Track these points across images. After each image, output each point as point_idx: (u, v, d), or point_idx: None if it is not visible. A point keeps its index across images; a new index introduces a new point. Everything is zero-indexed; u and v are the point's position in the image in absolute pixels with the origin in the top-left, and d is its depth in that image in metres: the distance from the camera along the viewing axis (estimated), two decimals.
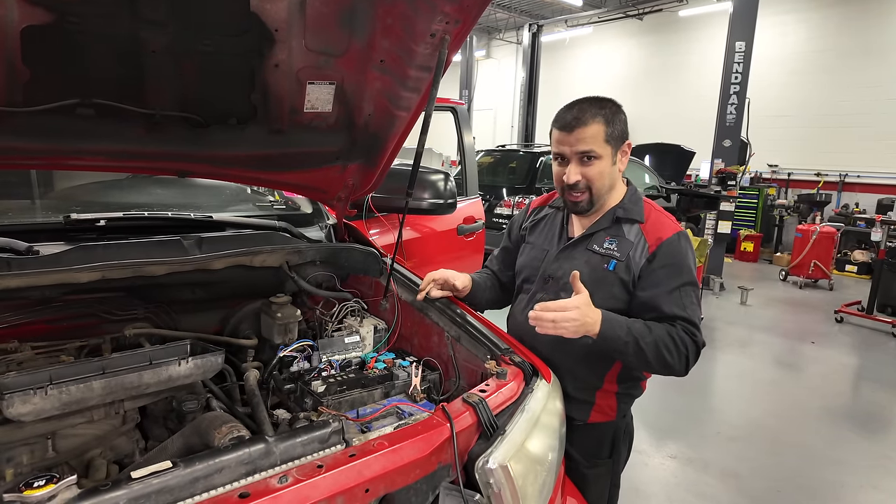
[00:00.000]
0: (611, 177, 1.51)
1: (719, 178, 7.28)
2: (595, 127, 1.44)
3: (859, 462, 3.34)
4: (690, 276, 1.48)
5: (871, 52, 10.00)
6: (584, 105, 1.47)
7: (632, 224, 1.53)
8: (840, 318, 6.31)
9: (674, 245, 1.49)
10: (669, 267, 1.47)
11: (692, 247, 1.54)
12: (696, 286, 1.49)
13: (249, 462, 0.92)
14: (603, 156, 1.47)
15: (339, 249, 1.85)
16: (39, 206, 1.95)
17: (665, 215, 1.57)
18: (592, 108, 1.46)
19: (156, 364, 1.24)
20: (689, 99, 12.42)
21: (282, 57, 1.43)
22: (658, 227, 1.52)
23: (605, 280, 1.50)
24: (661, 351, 1.39)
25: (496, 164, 8.20)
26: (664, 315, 1.44)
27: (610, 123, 1.46)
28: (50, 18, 1.14)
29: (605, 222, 1.55)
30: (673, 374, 1.45)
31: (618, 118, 1.48)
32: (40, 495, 0.77)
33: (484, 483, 1.08)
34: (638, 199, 1.58)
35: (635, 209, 1.55)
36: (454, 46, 1.41)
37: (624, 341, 1.38)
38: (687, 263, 1.49)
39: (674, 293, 1.45)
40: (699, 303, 1.50)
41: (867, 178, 10.17)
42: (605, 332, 1.38)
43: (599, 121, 1.45)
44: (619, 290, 1.49)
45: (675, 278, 1.46)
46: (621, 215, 1.54)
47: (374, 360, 1.51)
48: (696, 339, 1.43)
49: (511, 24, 16.10)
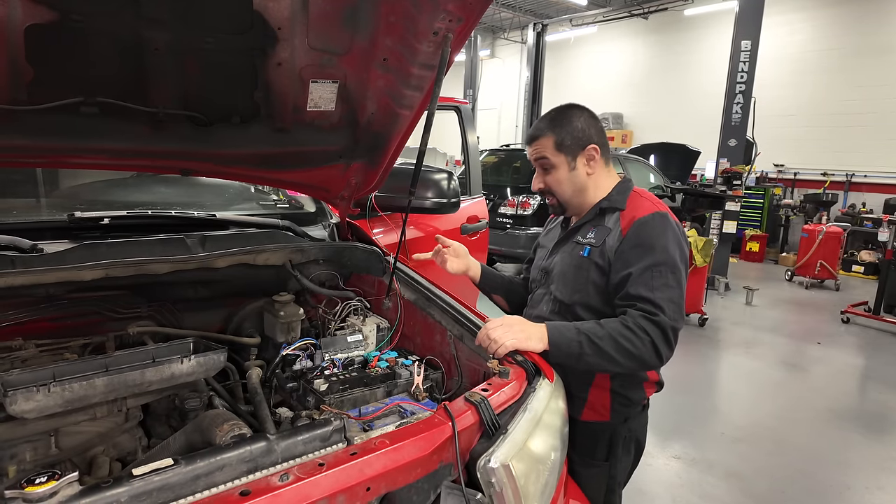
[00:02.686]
0: (573, 182, 1.58)
1: (725, 178, 7.24)
2: (544, 140, 1.56)
3: (865, 464, 3.32)
4: (664, 255, 1.42)
5: (878, 50, 9.93)
6: (541, 119, 1.61)
7: (613, 213, 1.55)
8: (846, 318, 6.27)
9: (647, 224, 1.46)
10: (640, 247, 1.44)
11: (672, 226, 1.48)
12: (672, 266, 1.42)
13: (251, 460, 0.92)
14: (557, 164, 1.56)
15: (342, 248, 1.85)
16: (44, 205, 1.96)
17: (647, 199, 1.56)
18: (543, 121, 1.59)
19: (159, 362, 1.24)
20: (694, 98, 12.38)
21: (285, 55, 1.43)
22: (634, 209, 1.52)
23: (580, 267, 1.54)
24: (620, 342, 1.36)
25: (500, 164, 8.19)
26: (629, 296, 1.42)
27: (559, 133, 1.54)
28: (53, 17, 1.14)
29: (590, 215, 1.60)
30: (646, 365, 1.41)
31: (570, 126, 1.55)
32: (42, 492, 0.76)
33: (486, 482, 1.07)
34: (625, 190, 1.59)
35: (619, 199, 1.57)
36: (457, 44, 1.40)
37: (576, 341, 1.38)
38: (661, 243, 1.43)
39: (644, 273, 1.41)
40: (679, 284, 1.42)
41: (874, 177, 10.10)
42: (554, 338, 1.40)
43: (548, 133, 1.56)
44: (595, 275, 1.51)
45: (646, 258, 1.42)
46: (605, 206, 1.57)
47: (377, 359, 1.50)
48: (657, 319, 1.36)
49: (515, 24, 16.09)
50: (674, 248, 1.44)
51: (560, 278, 1.60)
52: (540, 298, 1.66)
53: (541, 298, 1.66)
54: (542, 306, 1.64)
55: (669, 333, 1.38)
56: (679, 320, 1.40)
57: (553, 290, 1.61)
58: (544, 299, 1.64)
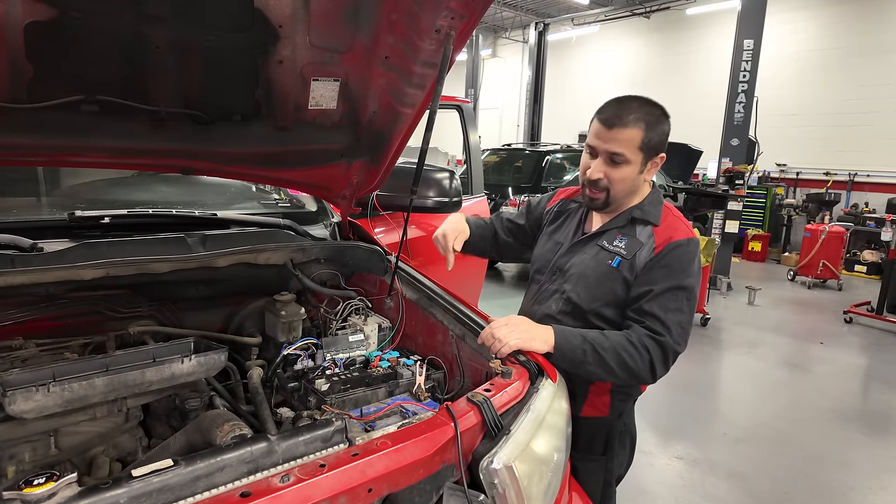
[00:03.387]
0: (633, 184, 1.51)
1: (727, 178, 7.23)
2: (633, 131, 1.42)
3: (868, 464, 3.31)
4: (687, 281, 1.44)
5: (881, 50, 9.91)
6: (632, 104, 1.44)
7: (645, 226, 1.52)
8: (849, 318, 6.25)
9: (681, 248, 1.46)
10: (668, 268, 1.45)
11: (699, 254, 1.51)
12: (689, 293, 1.44)
13: (251, 461, 0.91)
14: (632, 161, 1.45)
15: (343, 247, 1.84)
16: (45, 203, 1.95)
17: (682, 220, 1.55)
18: (639, 111, 1.43)
19: (159, 361, 1.24)
20: (696, 97, 12.35)
21: (286, 53, 1.42)
22: (671, 229, 1.50)
23: (608, 276, 1.50)
24: (621, 355, 1.38)
25: (502, 164, 8.19)
26: (641, 311, 1.43)
27: (650, 130, 1.43)
28: (53, 14, 1.13)
29: (620, 221, 1.55)
30: (639, 380, 1.44)
31: (660, 127, 1.46)
32: (40, 493, 0.76)
33: (488, 483, 1.06)
34: (658, 203, 1.56)
35: (653, 212, 1.54)
36: (459, 42, 1.39)
37: (581, 349, 1.38)
38: (688, 269, 1.45)
39: (663, 295, 1.42)
40: (691, 311, 1.45)
41: (877, 177, 10.08)
42: (560, 342, 1.39)
43: (640, 126, 1.42)
44: (620, 288, 1.49)
45: (670, 280, 1.43)
46: (637, 216, 1.53)
47: (378, 359, 1.50)
48: (662, 340, 1.39)
49: (517, 23, 16.08)
50: (697, 277, 1.48)
51: (580, 281, 1.54)
52: (549, 295, 1.62)
53: (549, 295, 1.61)
54: (550, 304, 1.60)
55: (670, 356, 1.41)
56: (682, 344, 1.43)
57: (568, 290, 1.56)
58: (554, 297, 1.60)
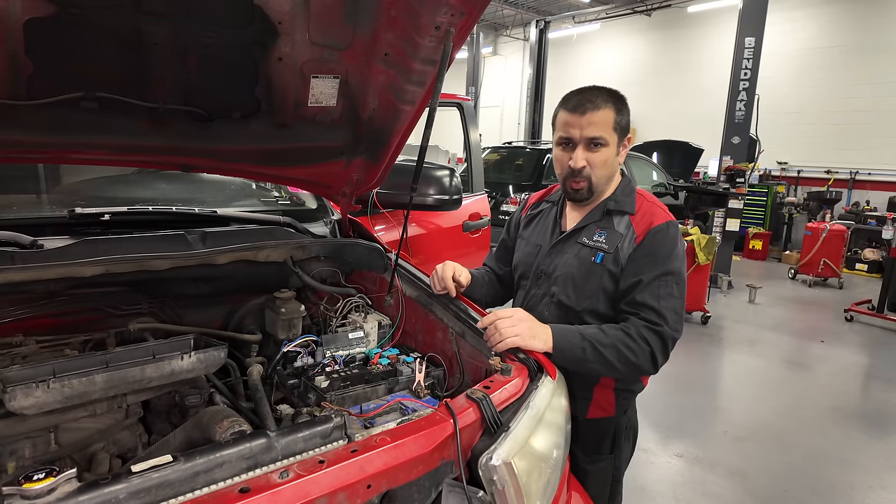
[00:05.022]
0: (612, 167, 1.53)
1: (728, 176, 7.22)
2: (606, 112, 1.46)
3: (869, 462, 3.31)
4: (674, 265, 1.45)
5: (882, 48, 9.89)
6: (595, 91, 1.49)
7: (622, 216, 1.53)
8: (850, 316, 6.25)
9: (661, 233, 1.47)
10: (653, 255, 1.45)
11: (681, 237, 1.52)
12: (678, 276, 1.45)
13: (250, 457, 0.91)
14: (609, 143, 1.48)
15: (343, 245, 1.84)
16: (45, 201, 1.95)
17: (657, 205, 1.55)
18: (603, 94, 1.48)
19: (159, 358, 1.24)
20: (697, 95, 12.34)
21: (285, 50, 1.42)
22: (648, 216, 1.51)
23: (593, 273, 1.50)
24: (621, 350, 1.38)
25: (502, 161, 8.18)
26: (634, 302, 1.43)
27: (619, 112, 1.48)
28: (52, 10, 1.13)
29: (596, 215, 1.56)
30: (641, 372, 1.44)
31: (625, 108, 1.50)
32: (39, 488, 0.76)
33: (487, 480, 1.06)
34: (630, 191, 1.57)
35: (626, 201, 1.54)
36: (459, 39, 1.39)
37: (580, 347, 1.38)
38: (673, 253, 1.46)
39: (652, 283, 1.43)
40: (682, 295, 1.46)
41: (878, 175, 10.07)
42: (558, 342, 1.38)
43: (610, 107, 1.46)
44: (608, 282, 1.49)
45: (658, 267, 1.44)
46: (612, 207, 1.54)
47: (378, 356, 1.50)
48: (660, 330, 1.39)
49: (518, 21, 16.05)
50: (682, 259, 1.48)
51: (566, 282, 1.54)
52: (538, 300, 1.60)
53: (539, 300, 1.60)
54: (541, 309, 1.58)
55: (669, 344, 1.41)
56: (679, 330, 1.43)
57: (557, 293, 1.55)
58: (543, 301, 1.59)
